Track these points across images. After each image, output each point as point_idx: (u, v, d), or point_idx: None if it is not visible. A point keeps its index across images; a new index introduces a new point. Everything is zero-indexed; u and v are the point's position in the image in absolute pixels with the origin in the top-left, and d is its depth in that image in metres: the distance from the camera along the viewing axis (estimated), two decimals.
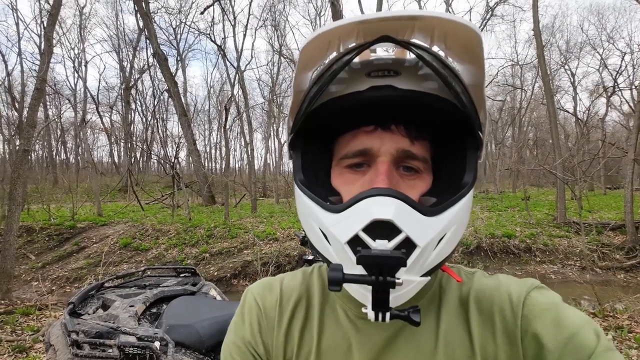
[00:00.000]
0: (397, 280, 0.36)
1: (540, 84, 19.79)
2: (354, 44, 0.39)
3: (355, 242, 0.38)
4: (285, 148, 0.54)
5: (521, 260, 7.42)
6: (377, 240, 0.37)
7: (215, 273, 6.72)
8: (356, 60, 0.43)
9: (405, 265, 0.36)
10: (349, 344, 0.48)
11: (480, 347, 0.43)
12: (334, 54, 0.42)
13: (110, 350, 1.33)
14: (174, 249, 7.81)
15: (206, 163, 24.94)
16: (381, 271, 0.36)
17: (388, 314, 0.37)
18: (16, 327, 4.11)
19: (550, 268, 7.07)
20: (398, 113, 0.44)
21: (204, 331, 1.46)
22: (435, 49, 0.41)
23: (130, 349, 1.31)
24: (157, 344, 1.31)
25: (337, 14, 7.35)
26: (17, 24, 19.68)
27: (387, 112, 0.44)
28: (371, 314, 0.37)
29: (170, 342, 1.34)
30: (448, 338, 0.45)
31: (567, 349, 0.39)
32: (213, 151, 31.64)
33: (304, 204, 0.44)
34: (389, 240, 0.37)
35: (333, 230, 0.40)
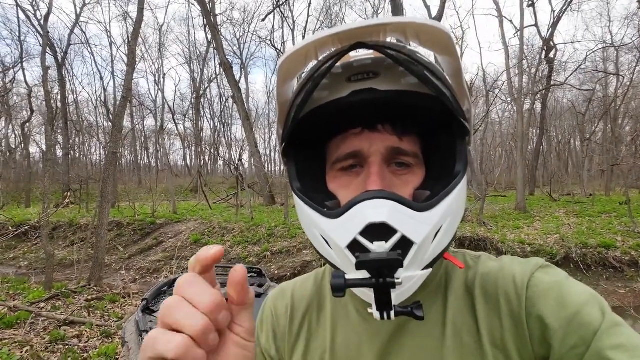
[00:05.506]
0: (396, 281, 0.37)
1: None
2: (331, 51, 0.40)
3: (354, 246, 0.39)
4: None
5: (625, 276, 6.26)
6: (375, 242, 0.38)
7: (276, 272, 6.84)
8: (337, 64, 0.43)
9: (402, 266, 0.37)
10: (360, 337, 0.50)
11: (488, 331, 0.44)
12: (314, 62, 0.42)
13: None
14: (237, 247, 8.17)
15: (267, 165, 26.09)
16: (381, 273, 0.37)
17: (392, 312, 0.38)
18: (104, 313, 4.59)
19: None
20: (383, 112, 0.44)
21: None
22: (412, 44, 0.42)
23: None
24: None
25: (397, 8, 6.97)
26: (110, 46, 22.76)
27: (373, 113, 0.44)
28: (376, 314, 0.39)
29: None
30: (455, 324, 0.45)
31: (570, 327, 0.38)
32: (273, 154, 33.09)
33: (304, 211, 0.44)
34: (386, 241, 0.38)
35: (332, 236, 0.41)
